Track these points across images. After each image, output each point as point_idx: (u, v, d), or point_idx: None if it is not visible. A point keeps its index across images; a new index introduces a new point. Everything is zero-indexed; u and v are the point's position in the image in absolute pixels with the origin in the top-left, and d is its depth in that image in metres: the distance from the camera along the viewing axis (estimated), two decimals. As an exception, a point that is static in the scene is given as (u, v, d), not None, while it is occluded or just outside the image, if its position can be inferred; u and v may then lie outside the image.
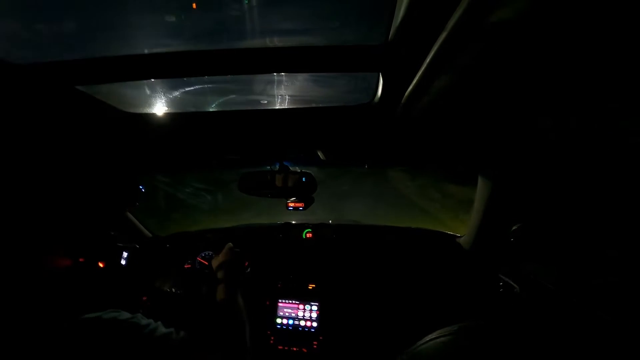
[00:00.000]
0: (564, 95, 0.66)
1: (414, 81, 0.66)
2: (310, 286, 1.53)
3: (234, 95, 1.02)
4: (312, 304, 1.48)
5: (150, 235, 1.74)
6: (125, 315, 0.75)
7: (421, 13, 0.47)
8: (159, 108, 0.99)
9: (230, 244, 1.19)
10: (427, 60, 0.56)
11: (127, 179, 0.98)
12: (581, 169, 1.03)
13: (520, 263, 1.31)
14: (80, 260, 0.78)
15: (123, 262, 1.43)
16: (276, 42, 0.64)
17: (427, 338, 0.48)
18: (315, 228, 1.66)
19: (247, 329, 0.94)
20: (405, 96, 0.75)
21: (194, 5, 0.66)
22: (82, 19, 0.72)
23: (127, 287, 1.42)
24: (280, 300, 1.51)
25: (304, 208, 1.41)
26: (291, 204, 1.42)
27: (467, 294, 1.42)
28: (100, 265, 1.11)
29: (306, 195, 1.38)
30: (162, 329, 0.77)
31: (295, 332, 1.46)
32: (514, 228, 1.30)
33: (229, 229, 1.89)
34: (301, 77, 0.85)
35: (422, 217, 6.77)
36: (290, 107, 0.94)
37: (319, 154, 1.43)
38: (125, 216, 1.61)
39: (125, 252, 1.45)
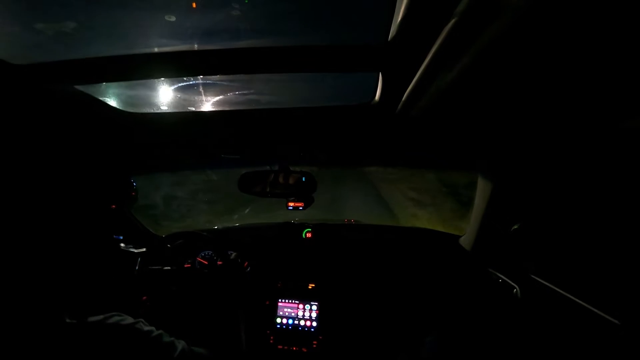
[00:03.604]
0: (564, 95, 0.66)
1: (414, 81, 0.66)
2: (310, 286, 1.53)
3: (234, 95, 1.02)
4: (312, 303, 1.48)
5: (151, 236, 1.74)
6: (129, 320, 0.75)
7: (421, 13, 0.48)
8: (159, 108, 0.99)
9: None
10: (427, 60, 0.56)
11: (120, 177, 0.98)
12: (581, 168, 1.03)
13: (520, 263, 1.31)
14: (90, 262, 0.78)
15: (137, 267, 1.43)
16: (276, 42, 0.64)
17: None
18: (315, 228, 1.66)
19: (243, 331, 0.95)
20: (405, 96, 0.75)
21: (194, 5, 0.66)
22: (82, 19, 0.72)
23: (133, 289, 1.42)
24: (280, 300, 1.51)
25: (304, 208, 1.41)
26: (291, 204, 1.42)
27: (466, 294, 1.43)
28: (112, 269, 1.11)
29: (306, 194, 1.38)
30: (165, 338, 0.78)
31: (295, 332, 1.46)
32: (514, 228, 1.30)
33: (229, 228, 1.88)
34: (301, 76, 0.85)
35: (422, 216, 6.77)
36: (290, 107, 0.94)
37: (319, 153, 1.43)
38: (126, 216, 1.61)
39: (139, 257, 1.46)
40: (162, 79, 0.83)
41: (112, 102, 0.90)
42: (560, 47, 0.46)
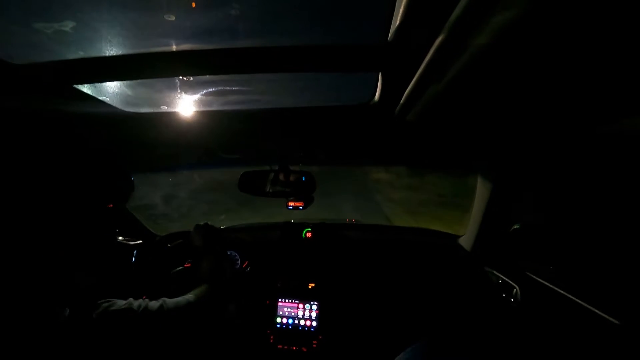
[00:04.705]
0: (564, 96, 0.66)
1: (414, 81, 0.66)
2: (310, 286, 1.53)
3: (234, 95, 1.02)
4: (312, 303, 1.48)
5: (150, 234, 1.74)
6: (117, 304, 0.77)
7: (421, 13, 0.47)
8: (159, 108, 0.99)
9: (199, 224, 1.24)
10: (427, 59, 0.56)
11: (120, 176, 0.99)
12: (581, 168, 1.03)
13: (520, 263, 1.31)
14: (88, 256, 0.79)
15: (133, 259, 1.44)
16: (276, 41, 0.64)
17: None
18: (315, 228, 1.66)
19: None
20: (405, 96, 0.75)
21: (194, 5, 0.66)
22: (82, 19, 0.72)
23: (131, 280, 1.43)
24: (280, 300, 1.51)
25: (304, 207, 1.41)
26: (291, 203, 1.42)
27: (466, 295, 1.43)
28: (109, 261, 1.12)
29: (306, 194, 1.38)
30: (153, 304, 0.82)
31: (295, 332, 1.46)
32: (514, 228, 1.30)
33: (228, 228, 1.89)
34: (301, 76, 0.85)
35: (422, 216, 6.76)
36: (290, 106, 0.94)
37: (319, 153, 1.43)
38: (126, 214, 1.61)
39: (135, 250, 1.46)
40: (162, 78, 0.83)
41: (112, 102, 0.90)
42: (560, 47, 0.46)
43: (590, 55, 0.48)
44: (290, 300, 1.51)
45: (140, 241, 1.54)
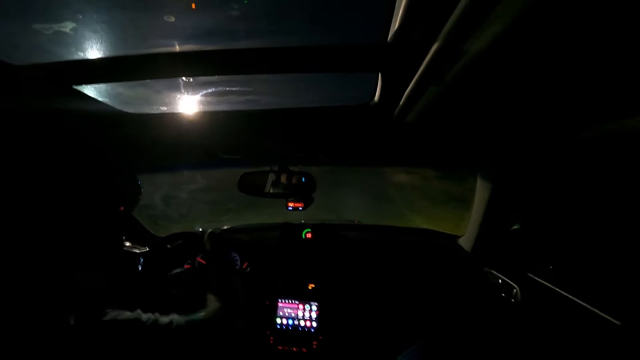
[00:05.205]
0: (565, 96, 0.66)
1: (414, 81, 0.66)
2: (310, 286, 1.53)
3: (234, 95, 1.03)
4: (312, 304, 1.48)
5: (150, 235, 1.74)
6: (125, 314, 0.76)
7: (421, 14, 0.48)
8: (159, 108, 0.99)
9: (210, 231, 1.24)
10: (426, 61, 0.56)
11: (130, 179, 0.99)
12: (580, 168, 1.03)
13: (520, 263, 1.31)
14: (97, 263, 0.79)
15: (139, 267, 1.44)
16: (276, 42, 0.64)
17: None
18: (315, 228, 1.66)
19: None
20: (404, 96, 0.75)
21: (193, 6, 0.66)
22: (81, 20, 0.72)
23: (137, 289, 1.43)
24: (280, 300, 1.51)
25: (304, 208, 1.41)
26: (291, 204, 1.42)
27: (465, 295, 1.43)
28: (116, 270, 1.12)
29: (305, 194, 1.38)
30: (163, 319, 0.82)
31: (294, 332, 1.46)
32: (513, 228, 1.30)
33: (228, 229, 1.88)
34: (301, 77, 0.85)
35: (422, 217, 6.75)
36: (290, 107, 0.94)
37: (319, 153, 1.43)
38: (129, 217, 1.61)
39: (142, 257, 1.46)
40: (162, 79, 0.83)
41: (112, 102, 0.90)
42: (560, 48, 0.46)
43: (589, 55, 0.48)
44: (290, 301, 1.50)
45: (147, 249, 1.54)
